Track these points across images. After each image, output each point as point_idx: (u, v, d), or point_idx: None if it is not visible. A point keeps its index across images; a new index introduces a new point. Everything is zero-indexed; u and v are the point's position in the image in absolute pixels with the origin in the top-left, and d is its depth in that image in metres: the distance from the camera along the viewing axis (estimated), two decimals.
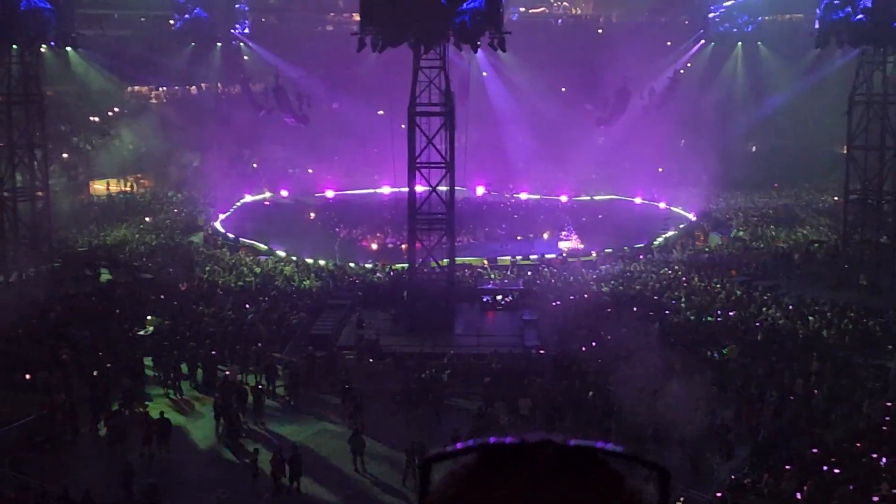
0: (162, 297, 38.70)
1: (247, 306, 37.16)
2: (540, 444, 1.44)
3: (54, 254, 43.67)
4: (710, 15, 70.81)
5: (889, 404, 26.49)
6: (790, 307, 36.40)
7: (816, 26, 41.99)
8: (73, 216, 48.69)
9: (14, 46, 42.50)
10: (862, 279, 41.20)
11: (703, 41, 71.76)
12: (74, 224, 48.77)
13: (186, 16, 69.29)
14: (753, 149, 72.67)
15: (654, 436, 24.61)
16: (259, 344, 32.16)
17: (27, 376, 28.25)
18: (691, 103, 66.94)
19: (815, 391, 27.16)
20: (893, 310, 35.69)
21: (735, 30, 70.83)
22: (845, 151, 42.97)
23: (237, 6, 72.65)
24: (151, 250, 47.88)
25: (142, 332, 33.58)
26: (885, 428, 24.82)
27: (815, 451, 22.98)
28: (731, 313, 35.52)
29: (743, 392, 27.49)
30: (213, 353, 31.20)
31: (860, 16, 39.22)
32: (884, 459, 22.07)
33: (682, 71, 67.96)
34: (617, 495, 1.43)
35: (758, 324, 34.04)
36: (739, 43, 70.22)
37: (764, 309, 36.19)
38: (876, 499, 19.68)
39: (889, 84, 41.05)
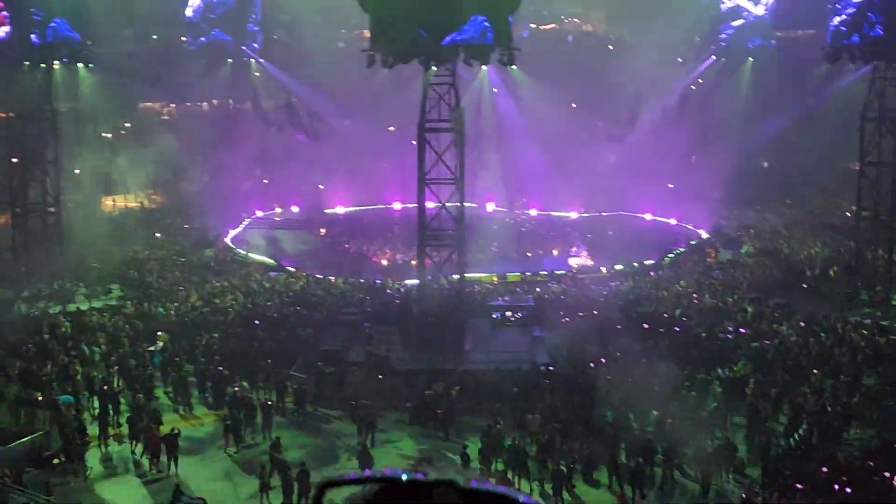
0: (172, 312, 38.75)
1: (256, 322, 37.13)
2: (440, 483, 1.40)
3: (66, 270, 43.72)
4: (721, 37, 70.73)
5: None
6: (801, 324, 36.21)
7: (828, 41, 41.87)
8: (86, 232, 48.77)
9: (27, 63, 42.74)
10: (873, 295, 41.03)
11: (713, 57, 71.67)
12: (86, 240, 48.88)
13: (202, 39, 69.80)
14: (765, 164, 72.48)
15: (665, 453, 24.50)
16: (268, 360, 32.14)
17: (37, 393, 28.23)
18: (702, 119, 66.81)
19: (828, 409, 26.97)
20: None
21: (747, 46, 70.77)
22: (857, 168, 42.76)
23: (250, 26, 72.94)
24: (162, 266, 47.94)
25: (152, 348, 33.56)
26: None
27: (826, 469, 22.79)
28: (741, 330, 35.33)
29: (754, 410, 27.31)
30: (221, 368, 31.17)
31: (876, 29, 39.17)
32: None
33: (692, 87, 67.95)
34: None
35: (768, 341, 33.83)
36: (750, 59, 70.11)
37: (775, 326, 36.01)
38: None
39: None
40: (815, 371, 30.37)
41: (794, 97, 65.18)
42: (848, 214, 54.35)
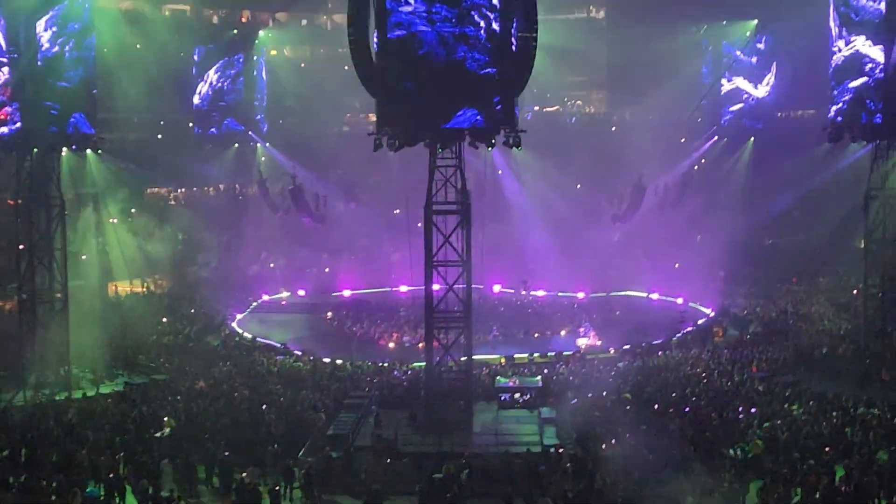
0: (179, 398, 38.55)
1: (264, 407, 36.90)
2: None
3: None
4: (724, 120, 71.52)
5: None
6: (812, 403, 35.93)
7: (830, 116, 42.29)
8: (92, 317, 48.77)
9: (35, 150, 43.20)
10: (884, 375, 40.79)
11: (716, 137, 72.30)
12: (93, 325, 48.86)
13: (213, 129, 70.89)
14: (769, 242, 72.60)
15: None
16: (276, 445, 31.89)
17: (41, 480, 27.94)
18: (706, 198, 67.15)
19: (843, 488, 26.61)
20: None
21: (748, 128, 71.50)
22: (863, 245, 42.80)
23: (257, 116, 74.03)
24: (168, 351, 47.85)
25: (158, 435, 33.30)
26: None
27: None
28: (752, 410, 35.04)
29: (767, 490, 26.95)
30: (228, 454, 30.85)
31: (876, 117, 39.74)
32: None
33: (696, 167, 68.42)
34: None
35: (780, 421, 33.53)
36: (752, 138, 70.75)
37: (786, 405, 35.73)
38: None
39: None
40: (827, 450, 30.06)
41: (797, 176, 65.56)
42: (855, 292, 54.27)
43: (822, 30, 43.60)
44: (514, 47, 34.83)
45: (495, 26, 34.74)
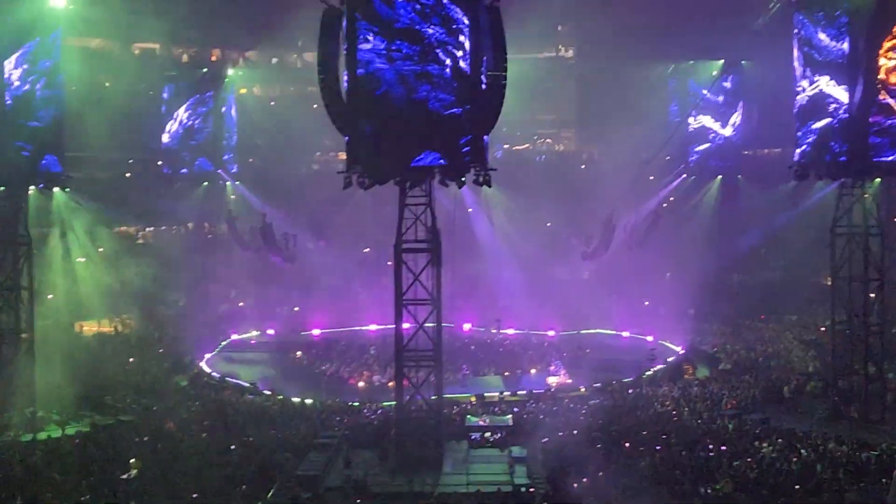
0: (146, 438, 38.13)
1: (232, 447, 36.58)
2: None
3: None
4: (691, 159, 72.08)
5: None
6: (780, 441, 36.02)
7: (795, 159, 42.66)
8: (59, 357, 48.25)
9: (1, 188, 42.91)
10: (852, 411, 41.02)
11: (683, 175, 72.86)
12: (60, 365, 48.33)
13: (184, 170, 70.83)
14: (737, 279, 73.04)
15: None
16: (244, 486, 31.59)
17: None
18: (674, 236, 67.56)
19: None
20: (886, 442, 35.44)
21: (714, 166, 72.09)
22: (829, 283, 43.11)
23: (226, 155, 73.93)
24: (136, 391, 47.37)
25: (125, 476, 32.89)
26: None
27: None
28: (722, 448, 35.08)
29: None
30: (195, 495, 30.52)
31: (840, 158, 40.07)
32: None
33: (664, 205, 68.87)
34: None
35: (749, 458, 33.60)
36: (719, 176, 71.36)
37: (756, 443, 35.81)
38: None
39: (869, 216, 41.58)
40: (797, 488, 30.13)
41: (764, 213, 66.22)
42: (822, 329, 54.62)
43: (788, 69, 44.04)
44: (483, 86, 34.55)
45: (463, 65, 34.45)
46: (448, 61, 34.57)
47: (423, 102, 34.62)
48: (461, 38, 34.50)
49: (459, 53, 34.59)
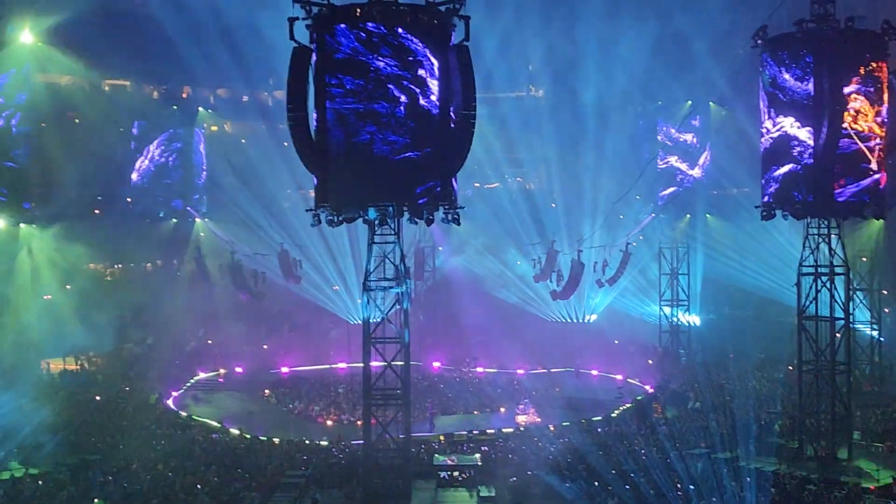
0: (110, 478, 37.69)
1: (198, 487, 36.21)
2: None
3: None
4: (660, 199, 72.41)
5: None
6: (748, 480, 36.06)
7: (763, 200, 42.81)
8: (23, 395, 47.71)
9: None
10: (819, 450, 41.12)
11: (653, 214, 73.29)
12: (24, 404, 47.77)
13: (161, 213, 70.81)
14: (708, 317, 73.36)
15: None
16: None
17: None
18: (644, 274, 67.82)
19: None
20: (853, 481, 35.58)
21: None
22: (797, 322, 43.29)
23: (195, 193, 73.85)
24: (101, 430, 46.83)
25: None
26: None
27: None
28: (690, 487, 35.07)
29: None
30: None
31: (808, 198, 40.12)
32: None
33: (633, 244, 69.19)
34: None
35: (714, 499, 33.59)
36: (688, 215, 71.80)
37: (724, 482, 35.81)
38: None
39: (835, 255, 41.88)
40: None
41: (732, 251, 66.72)
42: (790, 368, 54.84)
43: (755, 108, 44.19)
44: (452, 124, 33.98)
45: (423, 102, 33.23)
46: (403, 98, 33.17)
47: (365, 146, 33.08)
48: (420, 72, 33.27)
49: (418, 90, 33.31)
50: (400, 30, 33.10)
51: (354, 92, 32.77)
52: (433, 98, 33.63)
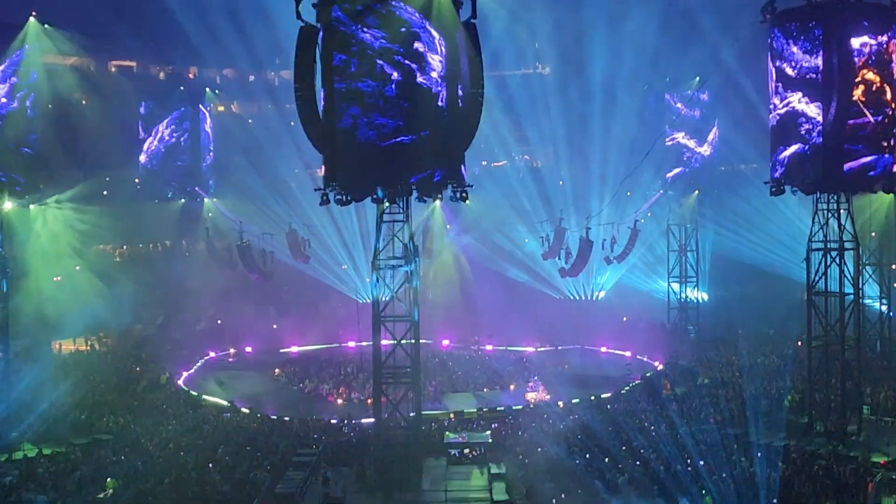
0: (122, 457, 37.90)
1: (209, 465, 36.39)
2: None
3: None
4: (668, 177, 72.01)
5: None
6: (759, 455, 36.11)
7: (772, 176, 42.59)
8: (35, 377, 47.91)
9: None
10: (829, 426, 41.13)
11: (661, 191, 73.04)
12: (35, 385, 47.98)
13: (170, 194, 70.88)
14: (715, 294, 73.26)
15: None
16: None
17: None
18: (652, 251, 67.74)
19: None
20: (862, 455, 35.61)
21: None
22: (805, 297, 43.20)
23: (204, 172, 73.84)
24: (112, 410, 47.03)
25: (101, 496, 32.67)
26: None
27: None
28: (700, 462, 35.12)
29: None
30: None
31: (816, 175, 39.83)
32: None
33: (642, 220, 69.06)
34: None
35: (725, 474, 33.65)
36: (696, 191, 71.56)
37: (734, 457, 35.87)
38: None
39: (844, 230, 41.75)
40: (775, 502, 30.21)
41: (741, 227, 66.54)
42: (799, 343, 54.79)
43: (763, 86, 43.85)
44: (459, 103, 33.46)
45: (421, 79, 31.60)
46: (395, 75, 30.97)
47: (348, 132, 31.07)
48: (417, 45, 31.20)
49: (415, 65, 31.23)
50: None
51: (338, 69, 29.97)
52: (434, 75, 32.26)
